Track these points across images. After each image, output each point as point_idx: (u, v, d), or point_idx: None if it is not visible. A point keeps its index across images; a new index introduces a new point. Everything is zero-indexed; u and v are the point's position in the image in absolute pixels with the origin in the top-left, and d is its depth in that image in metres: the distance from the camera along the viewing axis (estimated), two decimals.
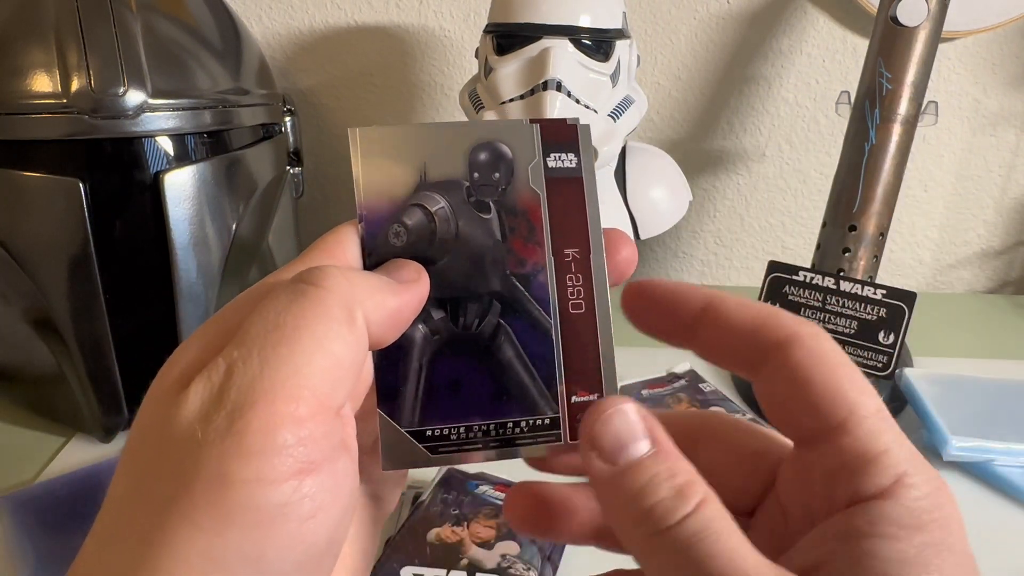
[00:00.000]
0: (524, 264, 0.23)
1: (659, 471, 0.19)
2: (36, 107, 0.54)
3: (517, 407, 0.23)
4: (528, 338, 0.23)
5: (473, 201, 0.23)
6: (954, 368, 0.69)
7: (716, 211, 0.97)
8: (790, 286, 0.67)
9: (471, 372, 0.23)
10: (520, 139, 0.23)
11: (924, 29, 0.65)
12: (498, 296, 0.23)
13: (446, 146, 0.23)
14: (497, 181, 0.23)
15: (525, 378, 0.23)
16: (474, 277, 0.23)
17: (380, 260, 0.22)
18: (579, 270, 0.23)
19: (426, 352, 0.23)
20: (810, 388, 0.19)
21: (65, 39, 0.54)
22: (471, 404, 0.23)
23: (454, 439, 0.23)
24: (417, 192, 0.23)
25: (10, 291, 0.57)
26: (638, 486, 0.19)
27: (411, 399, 0.22)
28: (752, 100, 0.91)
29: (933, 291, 0.99)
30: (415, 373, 0.23)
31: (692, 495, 0.18)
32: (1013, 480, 0.55)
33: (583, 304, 0.23)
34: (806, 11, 0.87)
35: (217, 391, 0.17)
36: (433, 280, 0.23)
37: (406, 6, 0.89)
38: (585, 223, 0.23)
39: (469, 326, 0.23)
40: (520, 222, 0.23)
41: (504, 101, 0.66)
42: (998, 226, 0.96)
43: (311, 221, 0.97)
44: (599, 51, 0.67)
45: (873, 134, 0.66)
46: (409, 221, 0.23)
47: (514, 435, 0.23)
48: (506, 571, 0.44)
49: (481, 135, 0.23)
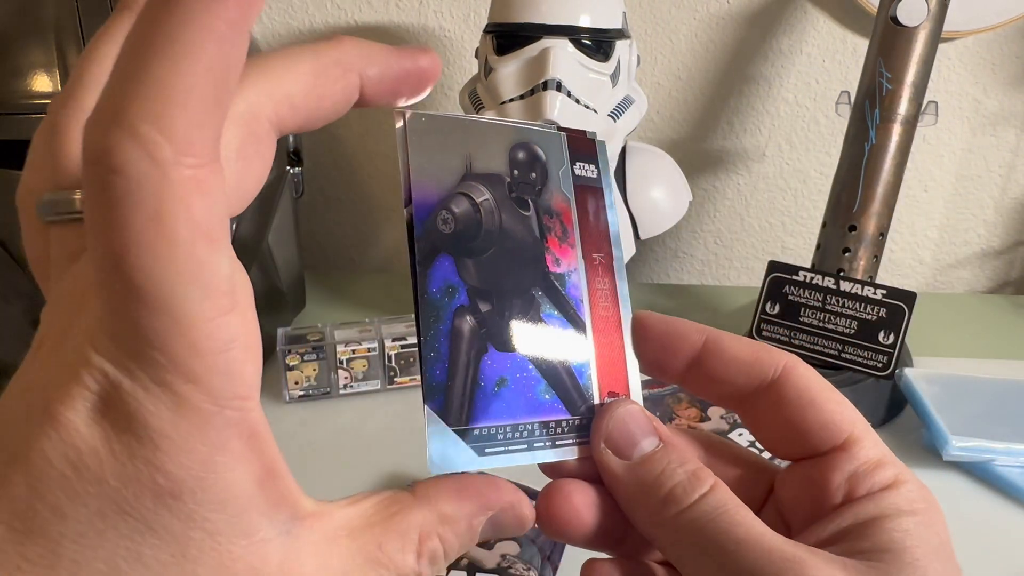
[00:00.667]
0: (560, 264, 0.23)
1: (672, 459, 0.21)
2: (36, 107, 0.54)
3: (559, 407, 0.23)
4: (566, 337, 0.23)
5: (514, 197, 0.23)
6: (954, 368, 0.69)
7: (716, 211, 0.97)
8: (790, 286, 0.67)
9: (517, 369, 0.22)
10: (551, 145, 0.24)
11: (924, 29, 0.65)
12: (539, 293, 0.23)
13: (488, 141, 0.23)
14: (534, 180, 0.23)
15: (565, 377, 0.23)
16: (517, 272, 0.23)
17: (430, 246, 0.22)
18: (605, 274, 0.24)
19: (474, 346, 0.22)
20: (817, 408, 0.22)
21: (65, 39, 0.54)
22: (517, 403, 0.22)
23: (501, 439, 0.22)
24: (463, 181, 0.22)
25: (10, 291, 0.57)
26: (654, 475, 0.21)
27: (459, 395, 0.21)
28: (752, 100, 0.91)
29: (933, 291, 0.99)
30: (464, 368, 0.22)
31: (706, 477, 0.21)
32: (1013, 480, 0.55)
33: (609, 307, 0.24)
34: (806, 11, 0.87)
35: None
36: (479, 272, 0.22)
37: (406, 6, 0.89)
38: (608, 230, 0.24)
39: (513, 321, 0.23)
40: (555, 223, 0.24)
41: (504, 101, 0.66)
42: (998, 226, 0.96)
43: (311, 221, 0.97)
44: (599, 51, 0.67)
45: (873, 134, 0.66)
46: (456, 209, 0.22)
47: (557, 435, 0.23)
48: (506, 571, 0.44)
49: (518, 136, 0.23)
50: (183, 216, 0.14)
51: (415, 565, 0.19)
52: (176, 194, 0.14)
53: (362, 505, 0.19)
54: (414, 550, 0.19)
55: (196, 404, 0.15)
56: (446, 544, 0.20)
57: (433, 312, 0.22)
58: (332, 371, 0.65)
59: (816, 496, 0.22)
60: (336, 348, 0.64)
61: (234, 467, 0.16)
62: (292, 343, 0.64)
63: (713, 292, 0.92)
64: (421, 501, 0.20)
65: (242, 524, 0.16)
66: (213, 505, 0.16)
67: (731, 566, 0.19)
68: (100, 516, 0.15)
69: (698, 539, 0.20)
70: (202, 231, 0.14)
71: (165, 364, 0.15)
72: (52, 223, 0.18)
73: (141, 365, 0.15)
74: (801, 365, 0.23)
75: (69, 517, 0.15)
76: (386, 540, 0.18)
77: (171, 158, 0.14)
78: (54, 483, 0.15)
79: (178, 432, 0.15)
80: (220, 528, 0.16)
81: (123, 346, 0.15)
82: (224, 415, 0.15)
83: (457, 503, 0.20)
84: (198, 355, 0.15)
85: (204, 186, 0.14)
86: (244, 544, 0.16)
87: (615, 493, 0.22)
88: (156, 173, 0.14)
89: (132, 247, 0.14)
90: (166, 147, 0.14)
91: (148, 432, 0.15)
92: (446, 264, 0.22)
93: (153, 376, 0.15)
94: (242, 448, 0.16)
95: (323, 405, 0.64)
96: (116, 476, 0.15)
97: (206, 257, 0.15)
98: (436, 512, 0.20)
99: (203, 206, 0.14)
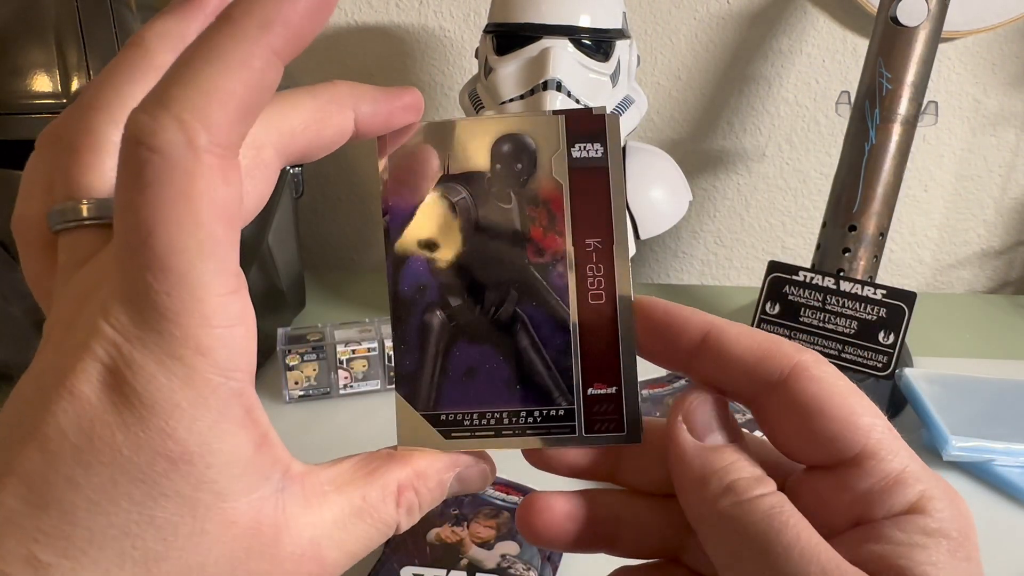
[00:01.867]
0: (543, 254, 0.23)
1: (742, 455, 0.21)
2: (36, 107, 0.54)
3: (532, 397, 0.23)
4: (545, 328, 0.23)
5: (494, 191, 0.23)
6: (954, 368, 0.69)
7: (716, 211, 0.97)
8: (790, 286, 0.67)
9: (487, 360, 0.23)
10: (544, 130, 0.23)
11: (924, 29, 0.65)
12: (516, 285, 0.23)
13: (470, 139, 0.23)
14: (519, 172, 0.23)
15: (540, 368, 0.23)
16: (493, 266, 0.23)
17: (403, 249, 0.23)
18: (600, 260, 0.23)
19: (443, 338, 0.23)
20: (825, 419, 0.20)
21: (65, 39, 0.54)
22: (486, 392, 0.23)
23: (467, 425, 0.23)
24: (439, 183, 0.23)
25: (10, 291, 0.57)
26: (723, 464, 0.21)
27: (427, 383, 0.23)
28: (752, 100, 0.91)
29: (933, 291, 0.99)
30: (432, 358, 0.23)
31: (769, 482, 0.21)
32: (1013, 480, 0.55)
33: (603, 295, 0.23)
34: (806, 11, 0.87)
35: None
36: (453, 268, 0.23)
37: (406, 6, 0.89)
38: (609, 213, 0.23)
39: (486, 314, 0.23)
40: (541, 212, 0.23)
41: (504, 101, 0.66)
42: (998, 226, 0.96)
43: (311, 221, 0.97)
44: (599, 51, 0.67)
45: (873, 134, 0.66)
46: None
47: (527, 425, 0.23)
48: (506, 571, 0.44)
49: (505, 128, 0.23)
50: (208, 197, 0.16)
51: (395, 514, 0.21)
52: (205, 176, 0.16)
53: (344, 464, 0.21)
54: (394, 500, 0.21)
55: (204, 374, 0.16)
56: (420, 497, 0.22)
57: (404, 309, 0.23)
58: (332, 371, 0.65)
59: (826, 513, 0.20)
60: (336, 348, 0.64)
61: (236, 432, 0.17)
62: (292, 343, 0.64)
63: (713, 292, 0.92)
64: (398, 459, 0.22)
65: (243, 484, 0.18)
66: (219, 468, 0.17)
67: (773, 568, 0.19)
68: (112, 484, 0.16)
69: (746, 534, 0.19)
70: (222, 213, 0.16)
71: (178, 336, 0.16)
72: (60, 231, 0.20)
73: (153, 337, 0.16)
74: (815, 366, 0.21)
75: (83, 486, 0.16)
76: (369, 492, 0.21)
77: (205, 145, 0.16)
78: (68, 454, 0.16)
79: (188, 401, 0.16)
80: (224, 488, 0.17)
81: (136, 318, 0.16)
82: (228, 385, 0.17)
83: (429, 461, 0.22)
84: (209, 327, 0.16)
85: (228, 175, 0.16)
86: (245, 501, 0.18)
87: (675, 469, 0.22)
88: (191, 155, 0.16)
89: (160, 220, 0.16)
90: (203, 134, 0.16)
91: (159, 402, 0.16)
92: (417, 264, 0.23)
93: (165, 348, 0.16)
94: (242, 416, 0.17)
95: (323, 405, 0.65)
96: (128, 445, 0.16)
97: (223, 237, 0.17)
98: (412, 468, 0.22)
99: (225, 192, 0.16)
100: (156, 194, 0.16)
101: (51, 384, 0.16)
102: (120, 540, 0.16)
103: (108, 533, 0.16)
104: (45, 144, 0.21)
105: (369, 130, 0.21)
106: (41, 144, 0.21)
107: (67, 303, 0.18)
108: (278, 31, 0.17)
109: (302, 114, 0.20)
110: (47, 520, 0.16)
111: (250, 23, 0.16)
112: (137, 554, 0.16)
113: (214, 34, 0.16)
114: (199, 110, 0.16)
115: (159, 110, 0.16)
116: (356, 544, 0.20)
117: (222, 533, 0.17)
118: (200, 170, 0.16)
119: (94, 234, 0.19)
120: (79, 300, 0.18)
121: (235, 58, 0.16)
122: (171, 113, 0.16)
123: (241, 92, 0.16)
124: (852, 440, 0.20)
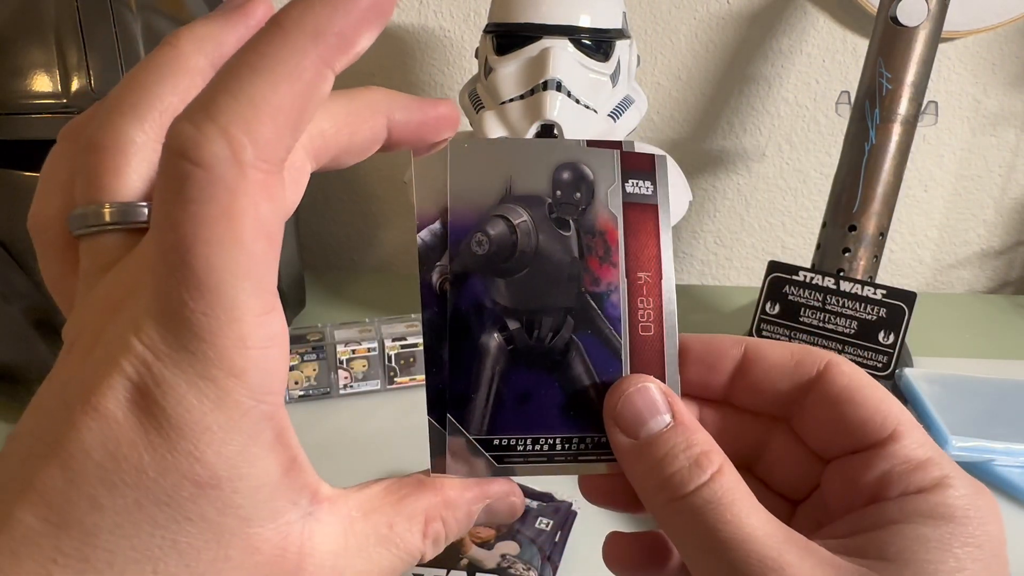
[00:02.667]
0: (599, 283, 0.24)
1: (677, 443, 0.21)
2: (36, 107, 0.54)
3: (583, 424, 0.23)
4: (598, 356, 0.23)
5: (554, 218, 0.23)
6: (954, 368, 0.69)
7: (716, 211, 0.97)
8: (790, 286, 0.67)
9: (542, 385, 0.23)
10: (601, 163, 0.24)
11: (924, 29, 0.65)
12: (572, 312, 0.23)
13: (531, 162, 0.23)
14: (578, 201, 0.24)
15: (593, 395, 0.23)
16: (550, 292, 0.23)
17: (462, 267, 0.23)
18: (650, 294, 0.24)
19: (500, 361, 0.23)
20: (856, 405, 0.22)
21: (65, 39, 0.54)
22: (540, 417, 0.23)
23: (520, 451, 0.23)
24: (501, 204, 0.23)
25: (10, 291, 0.57)
26: (658, 457, 0.21)
27: (481, 407, 0.23)
28: (752, 100, 0.91)
29: (933, 291, 0.99)
30: (487, 382, 0.23)
31: (708, 465, 0.21)
32: (1013, 480, 0.55)
33: (652, 327, 0.24)
34: (806, 11, 0.87)
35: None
36: (511, 291, 0.23)
37: (406, 6, 0.89)
38: (658, 248, 0.24)
39: (543, 340, 0.23)
40: (597, 242, 0.24)
41: (504, 101, 0.66)
42: (998, 226, 0.96)
43: (311, 221, 0.97)
44: (599, 51, 0.67)
45: (873, 134, 0.66)
46: (492, 231, 0.23)
47: (579, 451, 0.23)
48: (506, 571, 0.44)
49: (565, 155, 0.24)
50: (251, 214, 0.15)
51: (420, 544, 0.20)
52: (249, 193, 0.15)
53: (373, 489, 0.20)
54: (420, 530, 0.20)
55: (237, 398, 0.16)
56: (447, 527, 0.21)
57: (462, 329, 0.23)
58: (332, 371, 0.65)
59: (847, 492, 0.22)
60: (336, 348, 0.64)
61: (265, 456, 0.17)
62: (292, 343, 0.64)
63: (713, 292, 0.92)
64: (428, 487, 0.21)
65: (270, 509, 0.17)
66: (246, 492, 0.16)
67: (716, 561, 0.20)
68: (137, 507, 0.15)
69: (690, 525, 0.20)
70: (264, 231, 0.16)
71: (212, 358, 0.15)
72: (82, 236, 0.19)
73: (186, 357, 0.15)
74: (844, 363, 0.23)
75: (106, 508, 0.15)
76: (396, 521, 0.20)
77: (251, 160, 0.15)
78: (92, 474, 0.15)
79: (218, 424, 0.16)
80: (251, 513, 0.17)
81: (169, 337, 0.15)
82: (260, 409, 0.16)
83: (459, 491, 0.22)
84: (245, 349, 0.16)
85: (272, 191, 0.16)
86: (272, 527, 0.17)
87: (624, 470, 0.22)
88: (235, 171, 0.15)
89: (200, 237, 0.15)
90: (250, 149, 0.15)
91: (189, 424, 0.15)
92: (476, 284, 0.23)
93: (198, 369, 0.15)
94: (272, 440, 0.17)
95: (323, 405, 0.65)
96: (155, 467, 0.15)
97: (263, 256, 0.16)
98: (441, 497, 0.21)
99: (269, 209, 0.16)
100: (198, 211, 0.15)
101: (75, 399, 0.16)
102: (142, 564, 0.16)
103: (129, 556, 0.16)
104: (67, 140, 0.20)
105: (401, 138, 0.21)
106: (63, 140, 0.20)
107: (92, 311, 0.18)
108: (331, 42, 0.16)
109: (335, 118, 0.19)
110: (67, 541, 0.15)
111: (302, 32, 0.16)
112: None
113: (263, 42, 0.16)
114: (246, 123, 0.15)
115: (205, 121, 0.15)
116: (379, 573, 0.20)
117: (245, 560, 0.17)
118: (244, 187, 0.15)
119: (117, 239, 0.19)
120: (106, 310, 0.17)
121: (285, 69, 0.15)
122: (217, 125, 0.15)
123: (290, 105, 0.16)
124: (882, 425, 0.21)
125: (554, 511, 0.48)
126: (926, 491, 0.20)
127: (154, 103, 0.19)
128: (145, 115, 0.19)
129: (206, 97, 0.15)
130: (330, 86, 0.17)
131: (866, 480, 0.21)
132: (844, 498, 0.22)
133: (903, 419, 0.22)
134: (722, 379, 0.24)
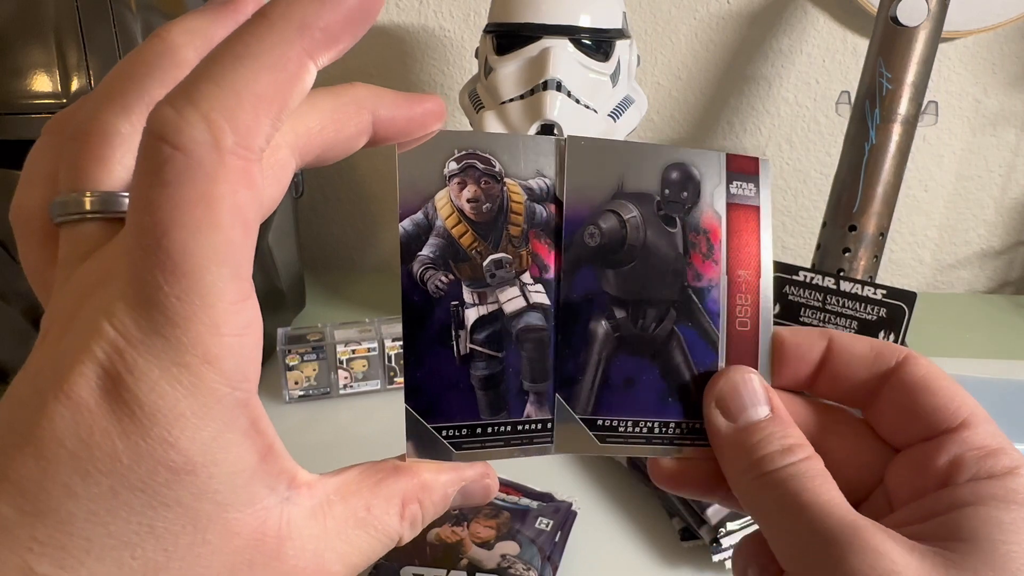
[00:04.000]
0: (701, 278, 0.25)
1: (774, 431, 0.23)
2: (36, 107, 0.54)
3: (680, 409, 0.25)
4: (697, 347, 0.25)
5: (662, 215, 0.25)
6: (954, 368, 0.69)
7: None
8: (790, 286, 0.67)
9: (644, 372, 0.25)
10: (707, 164, 0.25)
11: (924, 29, 0.65)
12: (675, 304, 0.25)
13: (642, 161, 0.25)
14: (685, 199, 0.25)
15: (690, 384, 0.25)
16: (655, 284, 0.25)
17: (575, 257, 0.24)
18: (748, 291, 0.25)
19: (606, 347, 0.24)
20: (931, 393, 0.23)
21: (65, 39, 0.54)
22: (641, 401, 0.25)
23: (621, 431, 0.24)
24: (613, 200, 0.24)
25: (10, 291, 0.57)
26: (753, 441, 0.23)
27: (587, 388, 0.24)
28: (752, 100, 0.91)
29: (933, 291, 0.99)
30: (594, 365, 0.24)
31: (799, 452, 0.22)
32: None
33: (748, 323, 0.25)
34: (806, 11, 0.87)
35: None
36: (619, 282, 0.24)
37: (406, 6, 0.89)
38: (758, 248, 0.25)
39: (646, 329, 0.25)
40: (701, 239, 0.25)
41: (504, 101, 0.66)
42: (998, 226, 0.96)
43: (311, 221, 0.97)
44: (599, 51, 0.67)
45: (873, 134, 0.66)
46: (604, 225, 0.24)
47: (674, 436, 0.25)
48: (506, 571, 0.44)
49: (674, 156, 0.25)
50: (229, 200, 0.15)
51: (398, 526, 0.21)
52: (228, 179, 0.15)
53: (349, 473, 0.21)
54: (398, 512, 0.21)
55: (210, 385, 0.16)
56: (424, 509, 0.22)
57: (572, 315, 0.24)
58: (332, 371, 0.65)
59: (917, 478, 0.22)
60: (336, 348, 0.64)
61: (241, 443, 0.17)
62: (292, 343, 0.64)
63: None
64: (403, 471, 0.22)
65: (248, 494, 0.17)
66: (222, 478, 0.16)
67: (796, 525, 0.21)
68: (112, 494, 0.15)
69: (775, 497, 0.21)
70: (241, 218, 0.16)
71: (186, 344, 0.15)
72: (62, 224, 0.19)
73: (159, 343, 0.15)
74: (920, 357, 0.24)
75: (81, 496, 0.15)
76: (374, 503, 0.20)
77: (231, 146, 0.15)
78: (65, 463, 0.15)
79: (192, 411, 0.16)
80: (228, 499, 0.17)
81: (142, 321, 0.15)
82: (234, 396, 0.16)
83: (435, 474, 0.22)
84: (219, 335, 0.16)
85: (250, 178, 0.16)
86: (250, 512, 0.17)
87: (716, 449, 0.24)
88: (214, 156, 0.15)
89: (177, 221, 0.15)
90: (230, 135, 0.15)
91: (162, 410, 0.15)
92: (588, 274, 0.24)
93: (171, 355, 0.15)
94: (247, 426, 0.17)
95: (323, 405, 0.64)
96: (128, 454, 0.15)
97: (240, 243, 0.16)
98: (417, 480, 0.22)
99: (247, 196, 0.16)
100: (175, 194, 0.15)
101: (47, 386, 0.16)
102: (119, 550, 0.16)
103: (107, 543, 0.15)
104: (52, 131, 0.20)
105: (387, 134, 0.21)
106: (48, 131, 0.20)
107: (67, 299, 0.17)
108: (316, 36, 0.16)
109: (320, 114, 0.19)
110: (42, 529, 0.15)
111: (288, 25, 0.16)
112: (137, 564, 0.16)
113: (249, 33, 0.16)
114: (228, 109, 0.15)
115: (186, 106, 0.15)
116: (359, 556, 0.20)
117: (224, 544, 0.17)
118: (224, 173, 0.15)
119: (98, 228, 0.18)
120: (80, 296, 0.17)
121: (269, 59, 0.16)
122: (198, 110, 0.15)
123: (272, 94, 0.16)
124: (955, 412, 0.22)
125: (554, 511, 0.48)
126: (997, 477, 0.21)
127: (142, 95, 0.19)
128: (132, 106, 0.19)
129: (189, 83, 0.16)
130: (312, 79, 0.17)
131: (937, 464, 0.22)
132: (912, 484, 0.22)
133: (976, 410, 0.22)
134: (808, 369, 0.25)
